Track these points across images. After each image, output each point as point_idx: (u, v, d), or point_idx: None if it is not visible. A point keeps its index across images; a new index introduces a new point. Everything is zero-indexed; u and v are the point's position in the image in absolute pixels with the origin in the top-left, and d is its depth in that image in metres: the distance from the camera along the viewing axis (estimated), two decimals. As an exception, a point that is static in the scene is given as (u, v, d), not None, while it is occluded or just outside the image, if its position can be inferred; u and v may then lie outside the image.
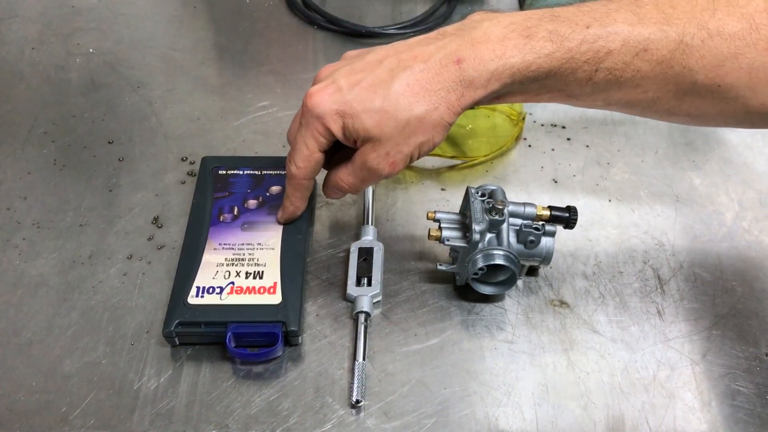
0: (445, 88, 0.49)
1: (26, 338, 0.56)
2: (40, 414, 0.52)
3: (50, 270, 0.61)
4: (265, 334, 0.54)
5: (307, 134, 0.53)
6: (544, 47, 0.49)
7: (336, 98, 0.51)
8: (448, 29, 0.52)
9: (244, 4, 0.90)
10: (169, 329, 0.54)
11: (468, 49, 0.49)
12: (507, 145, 0.72)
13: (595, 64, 0.49)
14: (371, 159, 0.52)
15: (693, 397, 0.54)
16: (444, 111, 0.50)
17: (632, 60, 0.49)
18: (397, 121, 0.50)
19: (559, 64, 0.49)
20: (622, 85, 0.50)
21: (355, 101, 0.50)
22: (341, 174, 0.55)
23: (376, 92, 0.50)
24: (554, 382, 0.54)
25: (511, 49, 0.48)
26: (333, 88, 0.51)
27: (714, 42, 0.49)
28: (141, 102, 0.77)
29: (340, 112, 0.51)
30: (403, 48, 0.51)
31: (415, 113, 0.49)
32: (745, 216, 0.66)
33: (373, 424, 0.52)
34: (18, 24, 0.87)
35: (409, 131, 0.50)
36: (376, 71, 0.51)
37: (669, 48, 0.49)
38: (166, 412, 0.52)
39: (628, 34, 0.49)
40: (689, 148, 0.73)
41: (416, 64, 0.50)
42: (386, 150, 0.51)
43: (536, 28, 0.49)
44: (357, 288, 0.59)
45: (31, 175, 0.69)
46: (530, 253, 0.57)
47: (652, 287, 0.61)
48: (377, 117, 0.50)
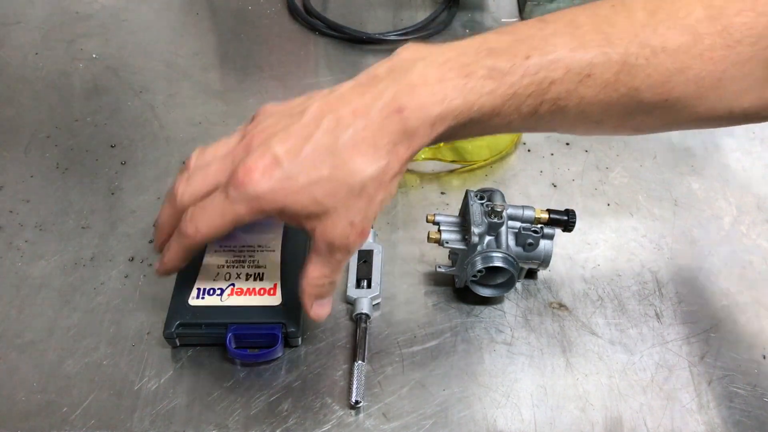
0: (391, 141, 0.45)
1: (28, 339, 0.57)
2: (41, 414, 0.52)
3: (52, 272, 0.61)
4: (265, 335, 0.54)
5: (229, 207, 0.47)
6: (485, 85, 0.45)
7: (276, 174, 0.45)
8: (380, 72, 0.47)
9: (247, 11, 0.91)
10: (170, 330, 0.54)
11: (406, 95, 0.45)
12: (506, 149, 0.72)
13: (539, 97, 0.47)
14: (336, 235, 0.47)
15: (691, 399, 0.54)
16: (394, 164, 0.46)
17: (576, 87, 0.47)
18: (350, 187, 0.46)
19: (503, 101, 0.46)
20: (567, 113, 0.48)
21: (300, 174, 0.45)
22: (311, 273, 0.50)
23: (321, 160, 0.45)
24: (553, 384, 0.55)
25: (451, 90, 0.45)
26: (270, 160, 0.45)
27: (659, 59, 0.47)
28: (143, 106, 0.78)
29: (282, 189, 0.45)
30: (337, 102, 0.46)
31: (368, 174, 0.45)
32: (743, 220, 0.67)
33: (372, 424, 0.52)
34: (22, 29, 0.87)
35: (366, 194, 0.46)
36: (315, 135, 0.45)
37: (613, 71, 0.47)
38: (167, 412, 0.52)
39: (570, 60, 0.46)
40: (687, 153, 0.73)
41: (357, 120, 0.45)
42: (348, 220, 0.47)
43: (474, 66, 0.46)
44: (357, 290, 0.59)
45: (34, 179, 0.69)
46: (529, 256, 0.57)
47: (650, 290, 0.61)
48: (328, 187, 0.45)
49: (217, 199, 0.47)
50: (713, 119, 0.51)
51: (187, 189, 0.49)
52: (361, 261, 0.61)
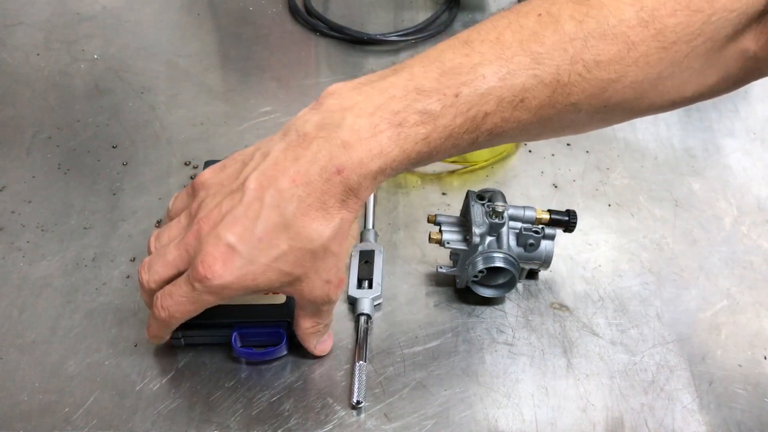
0: (338, 200, 0.45)
1: (30, 339, 0.57)
2: (43, 414, 0.52)
3: (54, 272, 0.61)
4: (269, 333, 0.54)
5: (198, 297, 0.47)
6: (419, 132, 0.45)
7: (237, 263, 0.45)
8: (309, 129, 0.46)
9: (248, 12, 0.91)
10: (176, 332, 0.54)
11: (343, 155, 0.44)
12: (507, 150, 0.72)
13: (474, 131, 0.46)
14: (316, 295, 0.49)
15: (692, 399, 0.54)
16: (348, 216, 0.47)
17: (511, 114, 0.46)
18: (313, 253, 0.46)
19: (439, 144, 0.46)
20: (506, 135, 0.48)
21: (259, 257, 0.45)
22: (303, 325, 0.52)
23: (276, 237, 0.45)
24: (554, 384, 0.55)
25: (386, 143, 0.45)
26: (225, 250, 0.45)
27: (592, 74, 0.46)
28: (145, 107, 0.78)
29: (246, 276, 0.46)
30: (273, 172, 0.46)
31: (326, 235, 0.46)
32: (743, 221, 0.67)
33: (373, 425, 0.52)
34: (23, 30, 0.88)
35: (331, 253, 0.47)
36: (263, 214, 0.45)
37: (546, 93, 0.46)
38: (169, 412, 0.53)
39: (500, 90, 0.45)
40: (688, 154, 0.73)
41: (298, 189, 0.45)
42: (322, 279, 0.48)
43: (405, 113, 0.45)
44: (358, 290, 0.59)
45: (36, 179, 0.70)
46: (530, 256, 0.58)
47: (651, 290, 0.61)
48: (292, 259, 0.46)
49: (183, 288, 0.47)
50: (657, 110, 0.51)
51: (151, 276, 0.49)
52: (362, 261, 0.61)
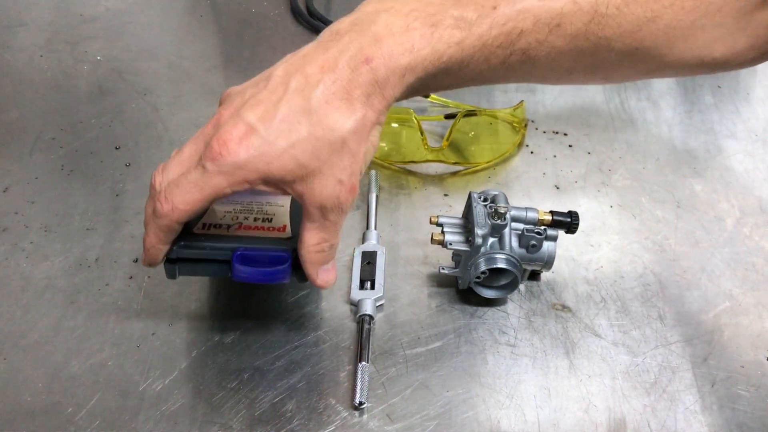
0: (363, 92, 0.45)
1: (33, 340, 0.57)
2: (46, 414, 0.52)
3: (57, 273, 0.62)
4: (273, 258, 0.51)
5: (208, 181, 0.45)
6: (453, 35, 0.45)
7: (253, 142, 0.44)
8: (342, 27, 0.46)
9: (250, 13, 0.92)
10: (172, 248, 0.50)
11: (373, 46, 0.44)
12: (509, 151, 0.73)
13: (508, 48, 0.46)
14: (326, 196, 0.46)
15: (694, 401, 0.54)
16: (371, 115, 0.45)
17: (546, 38, 0.46)
18: (331, 144, 0.45)
19: (472, 53, 0.45)
20: (537, 63, 0.48)
21: (278, 138, 0.44)
22: (308, 240, 0.49)
23: (297, 121, 0.44)
24: (556, 385, 0.55)
25: (418, 40, 0.44)
26: (244, 129, 0.44)
27: (630, 8, 0.46)
28: (148, 108, 0.78)
29: (261, 156, 0.44)
30: (301, 62, 0.45)
31: (347, 128, 0.45)
32: (746, 222, 0.67)
33: (375, 426, 0.52)
34: (27, 31, 0.88)
35: (349, 149, 0.45)
36: (286, 97, 0.44)
37: (583, 21, 0.46)
38: (171, 413, 0.53)
39: (538, 10, 0.45)
40: (690, 156, 0.73)
41: (325, 76, 0.44)
42: (336, 178, 0.46)
43: (440, 15, 0.45)
44: (360, 291, 0.59)
45: (39, 180, 0.70)
46: (532, 258, 0.58)
47: (653, 292, 0.61)
48: (309, 147, 0.44)
49: (193, 174, 0.45)
50: (683, 67, 0.51)
51: (164, 177, 0.47)
52: (364, 262, 0.61)
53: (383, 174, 0.71)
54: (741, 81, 0.83)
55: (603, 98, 0.80)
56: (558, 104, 0.79)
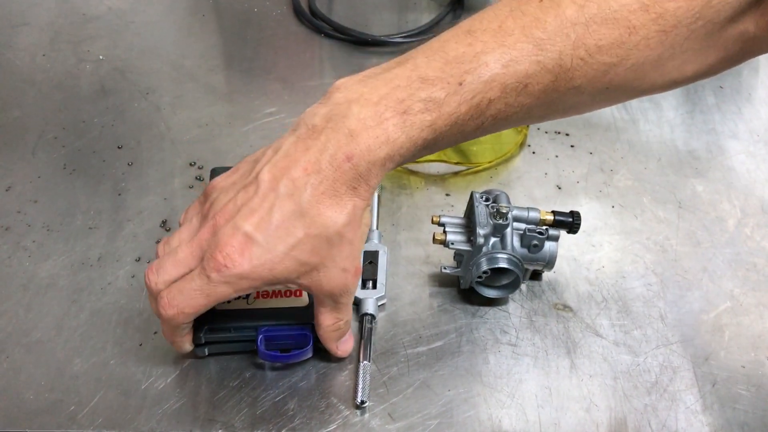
0: (350, 187, 0.46)
1: (36, 338, 0.57)
2: (48, 413, 0.52)
3: (60, 272, 0.62)
4: (295, 336, 0.54)
5: (213, 290, 0.47)
6: (424, 120, 0.46)
7: (255, 252, 0.46)
8: (317, 122, 0.47)
9: (253, 13, 0.92)
10: (199, 335, 0.53)
11: (351, 144, 0.46)
12: (511, 151, 0.73)
13: (479, 118, 0.47)
14: (334, 285, 0.49)
15: (695, 400, 0.54)
16: (360, 203, 0.47)
17: (515, 99, 0.47)
18: (329, 240, 0.47)
19: (445, 130, 0.47)
20: (509, 120, 0.49)
21: (277, 245, 0.46)
22: (324, 322, 0.52)
23: (293, 225, 0.46)
24: (557, 385, 0.55)
25: (392, 130, 0.46)
26: (243, 239, 0.46)
27: (594, 58, 0.46)
28: (150, 108, 0.78)
29: (264, 264, 0.46)
30: (284, 162, 0.47)
31: (341, 222, 0.47)
32: (747, 222, 0.67)
33: (377, 424, 0.52)
34: (29, 31, 0.88)
35: (346, 240, 0.48)
36: (277, 203, 0.46)
37: (549, 78, 0.47)
38: (173, 411, 0.53)
39: (504, 78, 0.46)
40: (692, 156, 0.73)
41: (311, 178, 0.46)
42: (339, 268, 0.48)
43: (409, 101, 0.46)
44: (362, 290, 0.59)
45: (42, 179, 0.70)
46: (534, 257, 0.58)
47: (654, 292, 0.61)
48: (308, 247, 0.47)
49: (197, 281, 0.47)
50: (657, 90, 0.52)
51: (160, 277, 0.49)
52: (366, 262, 0.61)
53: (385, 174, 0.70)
54: (743, 81, 0.83)
55: (605, 98, 0.80)
56: (560, 104, 0.79)
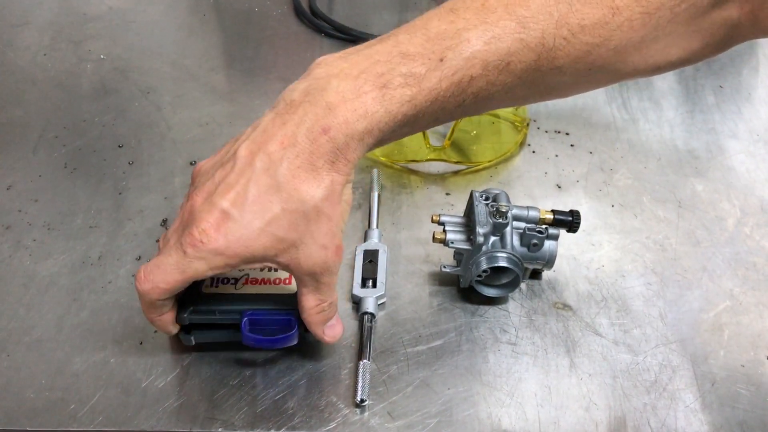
0: (327, 161, 0.46)
1: (36, 337, 0.57)
2: (48, 411, 0.53)
3: (60, 270, 0.62)
4: (281, 320, 0.53)
5: (188, 265, 0.46)
6: (404, 94, 0.45)
7: (230, 228, 0.45)
8: (295, 97, 0.47)
9: (253, 13, 0.92)
10: (183, 315, 0.52)
11: (328, 116, 0.45)
12: (511, 150, 0.73)
13: (460, 95, 0.47)
14: (313, 263, 0.48)
15: (694, 399, 0.54)
16: (339, 178, 0.46)
17: (497, 78, 0.47)
18: (306, 214, 0.46)
19: (425, 106, 0.46)
20: (491, 99, 0.48)
21: (253, 220, 0.45)
22: (306, 304, 0.50)
23: (269, 200, 0.45)
24: (557, 384, 0.55)
25: (371, 104, 0.45)
26: (219, 215, 0.45)
27: (577, 38, 0.46)
28: (150, 107, 0.78)
29: (239, 240, 0.45)
30: (262, 138, 0.46)
31: (318, 196, 0.46)
32: (747, 222, 0.67)
33: (377, 423, 0.52)
34: (30, 31, 0.88)
35: (324, 215, 0.47)
36: (253, 178, 0.45)
37: (532, 57, 0.46)
38: (174, 410, 0.53)
39: (485, 54, 0.46)
40: (691, 156, 0.73)
41: (287, 151, 0.45)
42: (318, 244, 0.47)
43: (389, 75, 0.45)
44: (362, 289, 0.59)
45: (42, 178, 0.70)
46: (533, 256, 0.58)
47: (654, 291, 0.61)
48: (285, 222, 0.46)
49: (173, 256, 0.47)
50: (640, 74, 0.51)
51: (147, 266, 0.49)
52: (366, 261, 0.61)
53: (385, 173, 0.71)
54: (743, 81, 0.83)
55: (605, 98, 0.80)
56: (560, 104, 0.79)
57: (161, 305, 0.50)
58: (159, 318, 0.51)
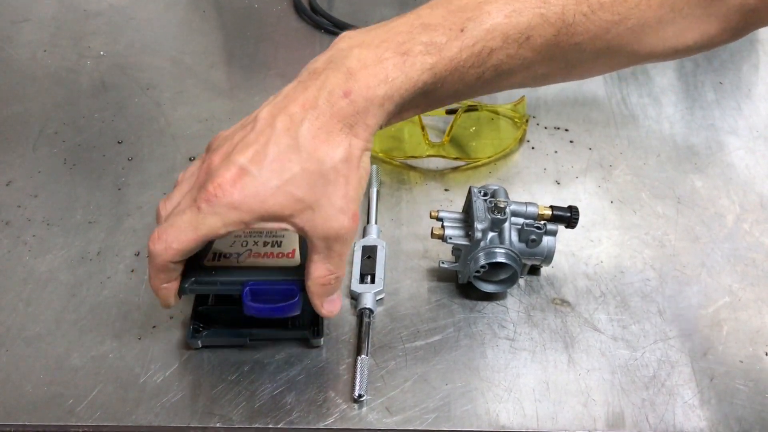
0: (347, 124, 0.46)
1: (35, 332, 0.57)
2: (47, 406, 0.53)
3: (59, 266, 0.62)
4: (283, 291, 0.52)
5: (202, 221, 0.46)
6: (425, 62, 0.46)
7: (247, 183, 0.45)
8: (318, 65, 0.48)
9: (253, 9, 0.92)
10: (184, 286, 0.51)
11: (349, 81, 0.46)
12: (510, 147, 0.73)
13: (480, 66, 0.47)
14: (328, 227, 0.47)
15: (693, 395, 0.54)
16: (357, 143, 0.47)
17: (516, 51, 0.47)
18: (324, 175, 0.46)
19: (445, 75, 0.47)
20: (512, 74, 0.49)
21: (271, 178, 0.45)
22: (314, 272, 0.49)
23: (288, 159, 0.45)
24: (555, 379, 0.55)
25: (391, 69, 0.46)
26: (237, 171, 0.45)
27: (596, 15, 0.47)
28: (150, 103, 0.78)
29: (256, 196, 0.45)
30: (283, 102, 0.47)
31: (337, 158, 0.46)
32: (746, 218, 0.67)
33: (375, 418, 0.52)
34: (30, 27, 0.88)
35: (342, 177, 0.47)
36: (273, 138, 0.46)
37: (551, 32, 0.47)
38: (172, 405, 0.53)
39: (506, 27, 0.47)
40: (691, 152, 0.73)
41: (308, 113, 0.46)
42: (335, 208, 0.47)
43: (410, 43, 0.46)
44: (360, 285, 0.59)
45: (42, 174, 0.70)
46: (532, 252, 0.58)
47: (653, 287, 0.61)
48: (303, 182, 0.46)
49: (187, 214, 0.46)
50: (657, 57, 0.52)
51: (166, 206, 0.49)
52: (365, 256, 0.61)
53: (384, 169, 0.71)
54: (743, 77, 0.83)
55: (604, 94, 0.80)
56: (559, 100, 0.79)
57: (170, 270, 0.49)
58: (164, 286, 0.50)
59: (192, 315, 0.55)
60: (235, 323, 0.55)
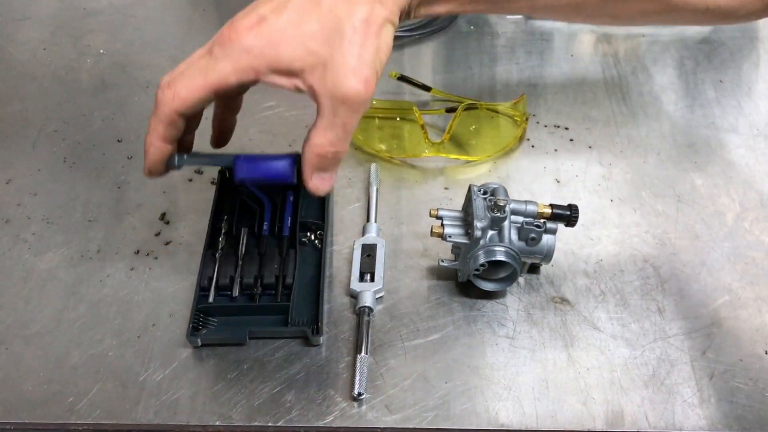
0: None
1: (35, 330, 0.57)
2: (47, 404, 0.53)
3: (59, 264, 0.62)
4: (275, 159, 0.50)
5: (212, 66, 0.45)
6: None
7: (264, 29, 0.44)
8: None
9: (253, 7, 0.92)
10: (175, 157, 0.51)
11: None
12: (510, 145, 0.73)
13: None
14: (339, 85, 0.45)
15: (692, 394, 0.54)
16: (381, 10, 0.46)
17: None
18: (341, 32, 0.44)
19: None
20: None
21: (288, 27, 0.44)
22: (315, 138, 0.47)
23: (308, 11, 0.44)
24: (554, 378, 0.55)
25: None
26: (256, 18, 0.45)
27: None
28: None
29: (270, 42, 0.44)
30: None
31: (357, 17, 0.45)
32: (746, 216, 0.67)
33: (374, 416, 0.52)
34: (30, 25, 0.88)
35: (359, 37, 0.45)
36: None
37: None
38: (171, 403, 0.53)
39: None
40: (691, 150, 0.73)
41: None
42: (347, 66, 0.45)
43: None
44: (360, 283, 0.59)
45: (42, 172, 0.70)
46: (531, 251, 0.58)
47: (653, 285, 0.61)
48: (319, 35, 0.44)
49: (200, 61, 0.45)
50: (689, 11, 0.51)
51: (172, 73, 0.48)
52: (364, 255, 0.61)
53: (384, 168, 0.71)
54: (743, 76, 0.83)
55: (604, 92, 0.80)
56: (559, 98, 0.79)
57: (173, 124, 0.48)
58: (158, 144, 0.49)
59: (191, 313, 0.55)
60: (235, 322, 0.56)
